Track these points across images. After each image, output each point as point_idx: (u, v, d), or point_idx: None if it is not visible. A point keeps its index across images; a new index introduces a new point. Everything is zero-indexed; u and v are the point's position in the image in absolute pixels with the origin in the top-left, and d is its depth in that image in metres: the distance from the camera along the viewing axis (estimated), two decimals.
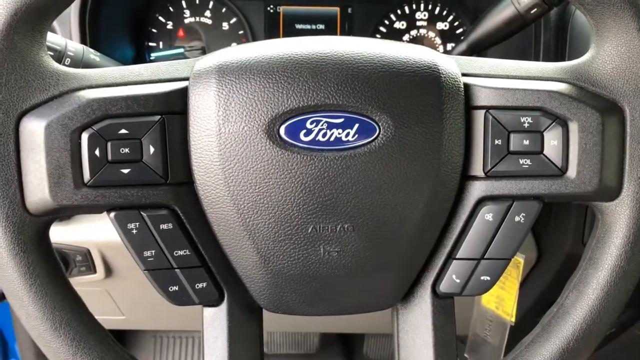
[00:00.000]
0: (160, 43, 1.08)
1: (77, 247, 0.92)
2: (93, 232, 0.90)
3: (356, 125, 0.50)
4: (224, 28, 1.07)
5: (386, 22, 1.07)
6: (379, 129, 0.50)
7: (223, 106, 0.49)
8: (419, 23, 1.07)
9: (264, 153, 0.49)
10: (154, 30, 1.07)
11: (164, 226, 0.51)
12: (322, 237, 0.51)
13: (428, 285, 0.55)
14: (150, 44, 1.07)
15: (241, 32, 1.07)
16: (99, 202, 0.50)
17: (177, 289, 0.53)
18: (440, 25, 1.08)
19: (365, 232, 0.51)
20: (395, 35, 1.07)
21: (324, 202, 0.50)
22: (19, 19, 0.47)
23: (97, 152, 0.49)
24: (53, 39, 0.72)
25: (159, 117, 0.50)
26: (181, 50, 1.07)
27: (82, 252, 0.93)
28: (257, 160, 0.50)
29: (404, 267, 0.54)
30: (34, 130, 0.48)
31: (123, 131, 0.50)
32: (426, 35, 1.08)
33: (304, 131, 0.49)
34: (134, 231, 0.51)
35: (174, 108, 0.51)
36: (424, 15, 1.07)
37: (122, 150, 0.50)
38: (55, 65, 0.51)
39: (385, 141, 0.50)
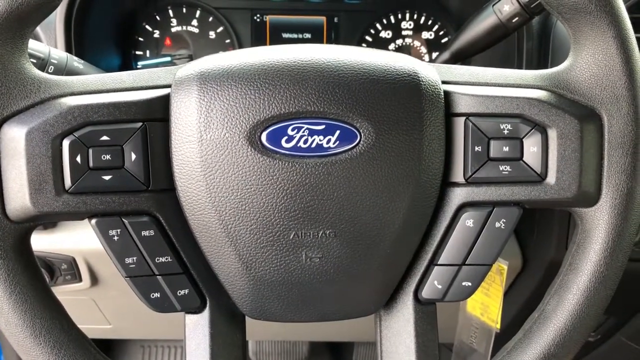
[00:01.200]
0: (147, 52, 1.08)
1: (62, 256, 0.92)
2: (78, 240, 0.90)
3: (337, 132, 0.50)
4: (210, 37, 1.07)
5: (372, 31, 1.08)
6: (360, 135, 0.50)
7: (204, 113, 0.49)
8: (404, 32, 1.08)
9: (245, 160, 0.50)
10: (140, 39, 1.07)
11: (145, 233, 0.51)
12: (303, 243, 0.52)
13: (410, 292, 0.56)
14: (137, 52, 1.08)
15: (228, 40, 1.07)
16: (80, 209, 0.50)
17: (158, 295, 0.53)
18: (426, 35, 1.09)
19: (346, 238, 0.52)
20: (381, 44, 1.08)
21: (305, 208, 0.51)
22: (0, 25, 0.47)
23: (78, 158, 0.49)
24: (36, 46, 0.72)
25: (141, 124, 0.50)
26: (168, 58, 1.07)
27: (67, 261, 0.92)
28: (238, 167, 0.50)
29: (385, 273, 0.54)
30: (15, 137, 0.48)
31: (104, 138, 0.50)
32: (412, 44, 1.08)
33: (286, 138, 0.50)
34: (115, 238, 0.51)
35: (155, 115, 0.51)
36: (410, 25, 1.08)
37: (104, 157, 0.50)
38: (37, 72, 0.51)
39: (366, 148, 0.50)
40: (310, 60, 0.51)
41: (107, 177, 0.50)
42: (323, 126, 0.50)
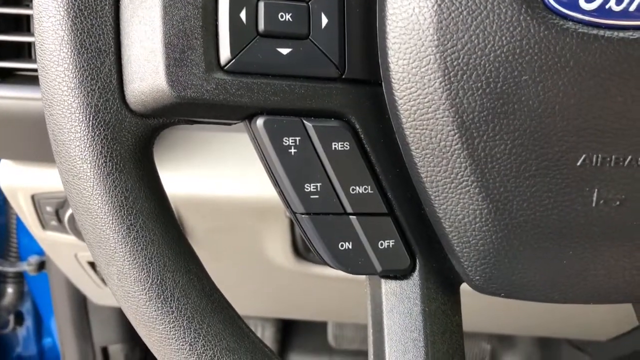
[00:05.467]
0: None
1: None
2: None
3: None
4: None
5: None
6: None
7: None
8: None
9: (514, 31, 0.30)
10: None
11: (337, 146, 0.32)
12: (597, 175, 0.32)
13: None
14: None
15: None
16: (242, 98, 0.31)
17: (350, 246, 0.33)
18: None
19: None
20: None
21: (610, 115, 0.31)
22: None
23: (243, 14, 0.30)
24: None
25: None
26: None
27: None
28: (502, 42, 0.30)
29: None
30: None
31: None
32: None
33: None
34: (292, 151, 0.32)
35: None
36: None
37: (282, 17, 0.31)
38: None
39: None
40: None
41: (284, 51, 0.31)
42: None
